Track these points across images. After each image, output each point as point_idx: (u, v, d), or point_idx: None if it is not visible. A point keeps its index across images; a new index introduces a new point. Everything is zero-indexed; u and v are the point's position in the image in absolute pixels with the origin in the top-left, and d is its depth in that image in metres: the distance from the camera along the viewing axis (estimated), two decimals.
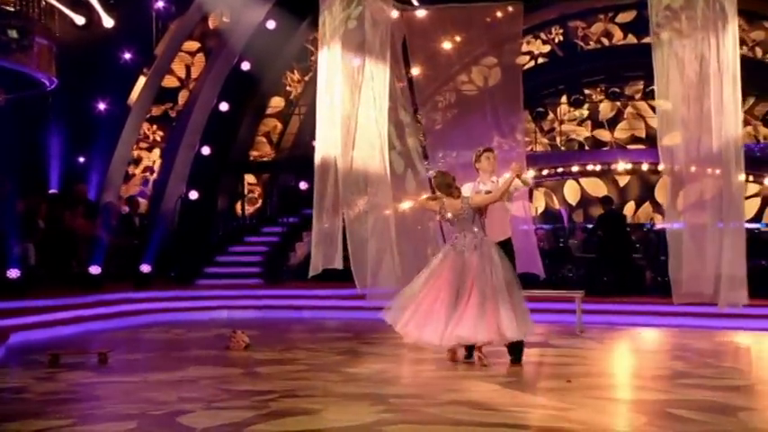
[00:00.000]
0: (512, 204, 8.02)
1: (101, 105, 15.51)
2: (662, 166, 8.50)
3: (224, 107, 17.21)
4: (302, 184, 16.70)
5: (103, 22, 14.63)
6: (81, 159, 15.34)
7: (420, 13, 10.26)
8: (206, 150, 17.03)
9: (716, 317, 10.39)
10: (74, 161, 15.20)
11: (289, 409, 5.55)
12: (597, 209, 15.90)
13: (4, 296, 10.67)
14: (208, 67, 16.87)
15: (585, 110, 18.64)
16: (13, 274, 11.33)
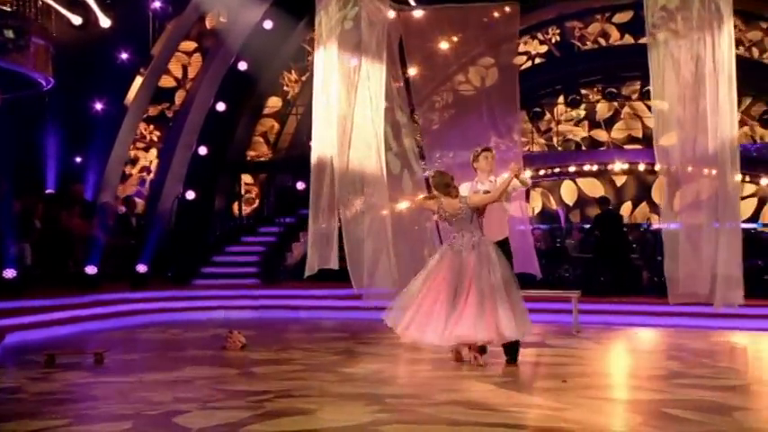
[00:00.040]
0: (510, 204, 8.02)
1: (98, 105, 15.51)
2: (658, 167, 8.51)
3: (221, 107, 17.21)
4: (299, 185, 16.69)
5: (100, 21, 14.59)
6: (78, 159, 15.34)
7: (417, 14, 10.24)
8: (203, 150, 17.02)
9: (712, 317, 10.41)
10: (70, 161, 15.19)
11: (284, 410, 5.55)
12: (594, 209, 15.92)
13: (0, 296, 10.66)
14: (205, 66, 16.88)
15: (582, 110, 18.65)
16: (9, 274, 11.32)
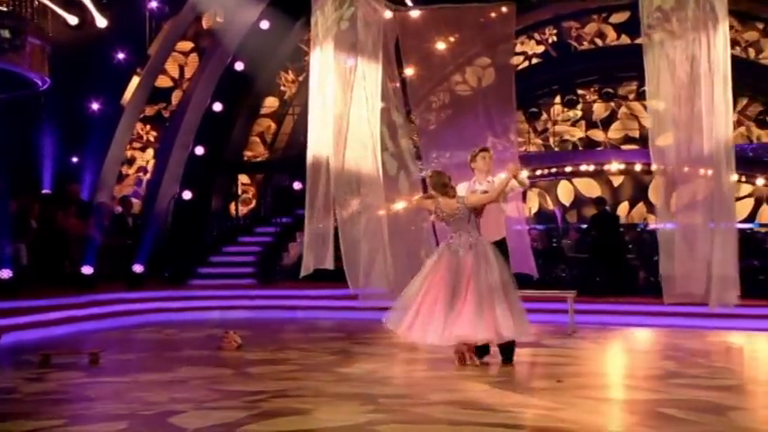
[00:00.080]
0: (507, 204, 8.02)
1: (94, 105, 15.51)
2: (654, 167, 8.51)
3: (218, 107, 17.19)
4: (296, 185, 16.63)
5: (97, 21, 14.59)
6: (74, 159, 15.34)
7: (413, 14, 10.25)
8: (199, 150, 17.01)
9: (707, 317, 10.40)
10: (67, 161, 15.19)
11: (280, 410, 5.54)
12: (591, 209, 15.90)
13: None
14: (201, 67, 16.87)
15: (579, 110, 18.65)
16: (4, 274, 11.32)
